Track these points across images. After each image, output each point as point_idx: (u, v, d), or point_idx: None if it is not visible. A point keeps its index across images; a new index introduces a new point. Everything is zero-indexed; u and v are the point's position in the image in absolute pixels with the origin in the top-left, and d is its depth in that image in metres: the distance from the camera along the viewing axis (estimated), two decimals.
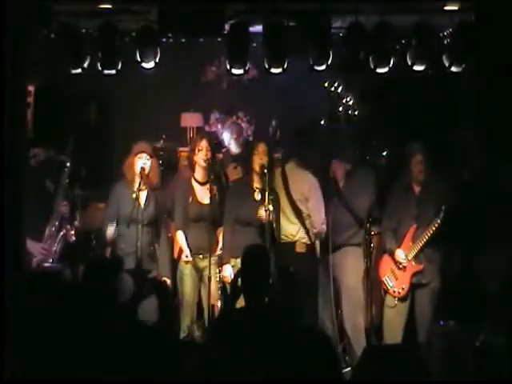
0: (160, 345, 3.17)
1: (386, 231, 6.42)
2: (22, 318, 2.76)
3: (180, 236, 6.25)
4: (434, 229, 6.19)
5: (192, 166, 6.32)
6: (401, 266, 6.25)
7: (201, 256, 6.14)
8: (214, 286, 6.06)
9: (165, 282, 6.12)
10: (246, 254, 4.79)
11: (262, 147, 6.26)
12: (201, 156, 6.22)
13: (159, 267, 6.17)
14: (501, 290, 4.19)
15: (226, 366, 3.05)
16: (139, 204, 6.04)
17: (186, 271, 6.18)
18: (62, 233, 6.08)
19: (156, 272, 6.16)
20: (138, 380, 3.03)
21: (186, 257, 6.17)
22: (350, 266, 6.34)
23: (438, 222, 6.16)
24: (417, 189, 6.40)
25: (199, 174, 6.29)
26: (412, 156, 6.34)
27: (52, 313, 3.52)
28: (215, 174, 6.35)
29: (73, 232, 6.17)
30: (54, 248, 6.03)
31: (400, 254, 6.29)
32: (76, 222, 6.30)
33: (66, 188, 6.18)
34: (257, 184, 6.23)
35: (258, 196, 6.17)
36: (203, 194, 6.25)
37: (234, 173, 7.53)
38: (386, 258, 6.38)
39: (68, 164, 6.15)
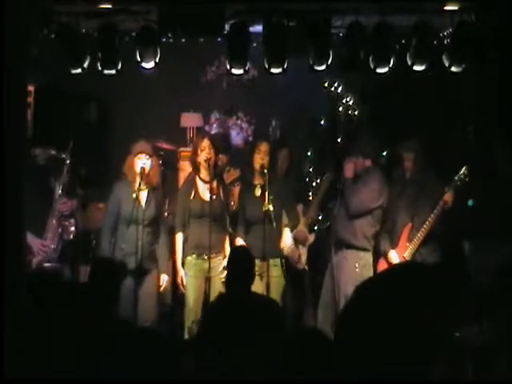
0: (160, 345, 3.17)
1: (381, 233, 6.39)
2: (21, 317, 2.77)
3: (178, 239, 6.25)
4: (429, 226, 6.16)
5: (196, 166, 6.30)
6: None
7: (205, 257, 6.09)
8: (216, 287, 6.05)
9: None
10: (232, 253, 5.19)
11: (264, 146, 6.28)
12: (203, 156, 6.20)
13: (159, 267, 6.17)
14: (494, 289, 4.20)
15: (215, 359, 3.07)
16: (139, 204, 6.05)
17: (191, 272, 6.14)
18: (62, 230, 6.09)
19: (157, 270, 6.15)
20: (138, 380, 3.03)
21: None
22: (349, 271, 6.17)
23: (433, 217, 6.15)
24: (412, 188, 6.37)
25: (203, 173, 6.28)
26: (404, 154, 6.33)
27: (52, 313, 3.53)
28: (220, 173, 6.40)
29: (72, 229, 6.16)
30: (53, 246, 6.03)
31: (393, 255, 6.26)
32: (76, 222, 6.28)
33: (67, 186, 6.17)
34: (257, 180, 6.25)
35: (258, 192, 6.19)
36: (206, 192, 6.24)
37: (228, 176, 7.53)
38: (382, 262, 6.34)
39: (68, 161, 6.15)
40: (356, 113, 7.86)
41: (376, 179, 6.36)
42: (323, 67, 6.29)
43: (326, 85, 7.86)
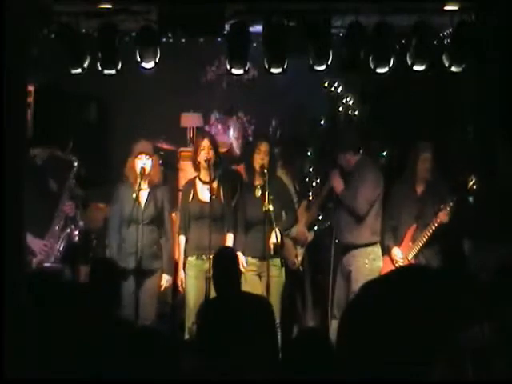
0: (160, 345, 3.17)
1: (385, 230, 6.40)
2: (21, 317, 2.76)
3: (180, 241, 6.27)
4: (433, 229, 6.17)
5: (196, 165, 6.32)
6: (398, 266, 6.21)
7: (204, 257, 6.08)
8: None
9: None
10: (216, 255, 5.27)
11: (263, 147, 6.27)
12: (203, 155, 6.20)
13: (164, 265, 6.16)
14: (494, 289, 4.22)
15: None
16: (139, 204, 6.05)
17: (190, 273, 6.14)
18: (66, 232, 6.09)
19: (160, 270, 6.15)
20: (138, 380, 3.03)
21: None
22: (359, 268, 6.20)
23: (438, 221, 6.15)
24: (419, 189, 6.38)
25: (203, 173, 6.28)
26: (420, 154, 6.30)
27: (52, 313, 3.53)
28: (222, 172, 6.38)
29: (76, 232, 6.17)
30: (57, 247, 6.03)
31: (397, 252, 6.27)
32: (80, 224, 6.29)
33: (72, 187, 6.18)
34: (257, 181, 6.26)
35: (258, 192, 6.18)
36: (205, 192, 6.25)
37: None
38: (386, 259, 6.35)
39: (76, 164, 6.16)
40: (356, 113, 7.86)
41: (368, 170, 6.39)
42: (323, 67, 6.29)
43: (326, 85, 7.86)
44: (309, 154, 7.71)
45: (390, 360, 1.65)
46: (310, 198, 7.22)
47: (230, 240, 6.21)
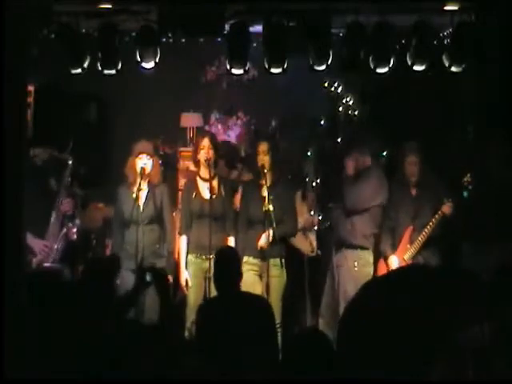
0: (160, 344, 3.17)
1: (383, 231, 6.40)
2: (21, 317, 2.77)
3: (182, 241, 6.26)
4: (429, 229, 6.16)
5: (196, 164, 6.34)
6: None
7: (204, 256, 6.10)
8: None
9: (162, 272, 6.02)
10: (217, 255, 5.17)
11: (262, 147, 6.28)
12: (203, 155, 6.22)
13: (165, 265, 6.16)
14: (493, 289, 4.22)
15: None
16: (139, 204, 6.06)
17: (191, 271, 6.16)
18: (63, 231, 6.09)
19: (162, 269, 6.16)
20: (138, 380, 3.03)
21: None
22: (348, 270, 6.19)
23: (433, 221, 6.15)
24: (413, 190, 6.39)
25: (203, 171, 6.30)
26: (405, 157, 6.32)
27: (52, 313, 3.53)
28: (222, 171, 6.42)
29: (75, 230, 6.18)
30: (56, 246, 6.04)
31: (393, 260, 6.25)
32: (77, 221, 6.29)
33: (68, 186, 6.19)
34: (260, 182, 6.26)
35: (264, 193, 6.18)
36: (206, 191, 6.25)
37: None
38: (382, 264, 6.33)
39: (70, 162, 6.17)
40: (356, 113, 7.86)
41: (376, 177, 6.38)
42: (323, 67, 6.28)
43: (326, 85, 7.87)
44: (309, 153, 7.71)
45: (390, 360, 1.65)
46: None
47: (230, 240, 6.21)
